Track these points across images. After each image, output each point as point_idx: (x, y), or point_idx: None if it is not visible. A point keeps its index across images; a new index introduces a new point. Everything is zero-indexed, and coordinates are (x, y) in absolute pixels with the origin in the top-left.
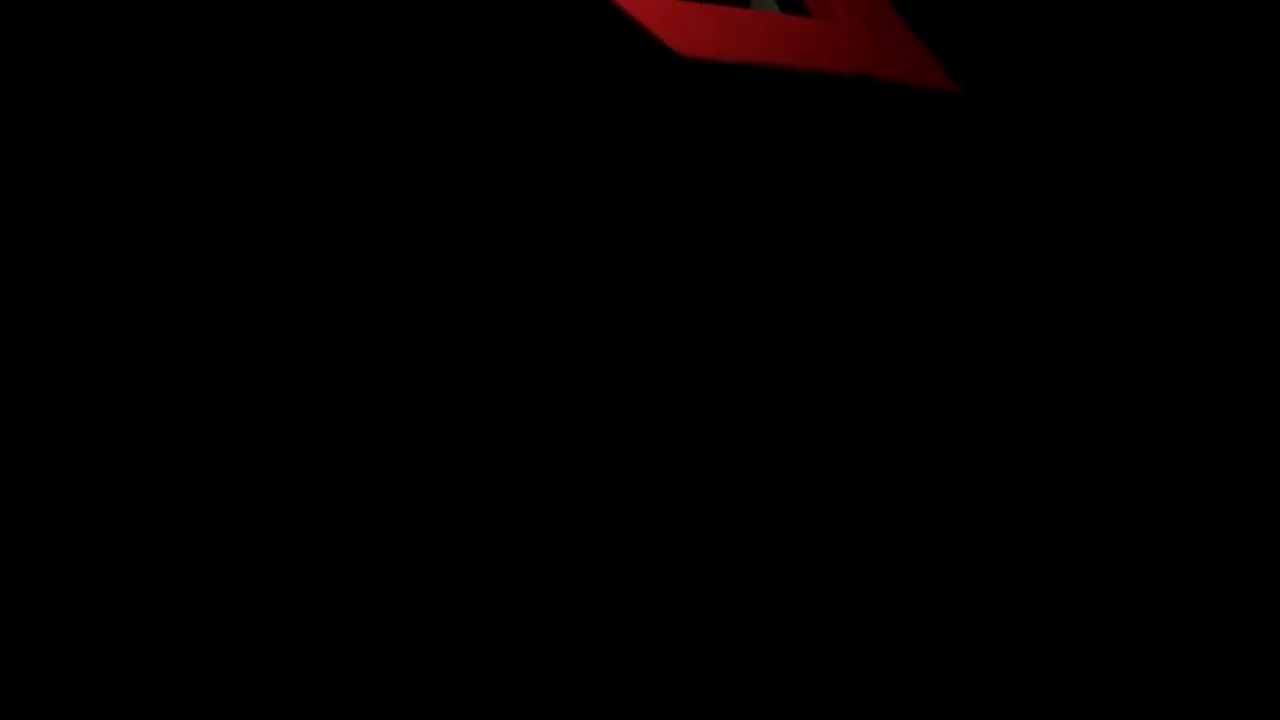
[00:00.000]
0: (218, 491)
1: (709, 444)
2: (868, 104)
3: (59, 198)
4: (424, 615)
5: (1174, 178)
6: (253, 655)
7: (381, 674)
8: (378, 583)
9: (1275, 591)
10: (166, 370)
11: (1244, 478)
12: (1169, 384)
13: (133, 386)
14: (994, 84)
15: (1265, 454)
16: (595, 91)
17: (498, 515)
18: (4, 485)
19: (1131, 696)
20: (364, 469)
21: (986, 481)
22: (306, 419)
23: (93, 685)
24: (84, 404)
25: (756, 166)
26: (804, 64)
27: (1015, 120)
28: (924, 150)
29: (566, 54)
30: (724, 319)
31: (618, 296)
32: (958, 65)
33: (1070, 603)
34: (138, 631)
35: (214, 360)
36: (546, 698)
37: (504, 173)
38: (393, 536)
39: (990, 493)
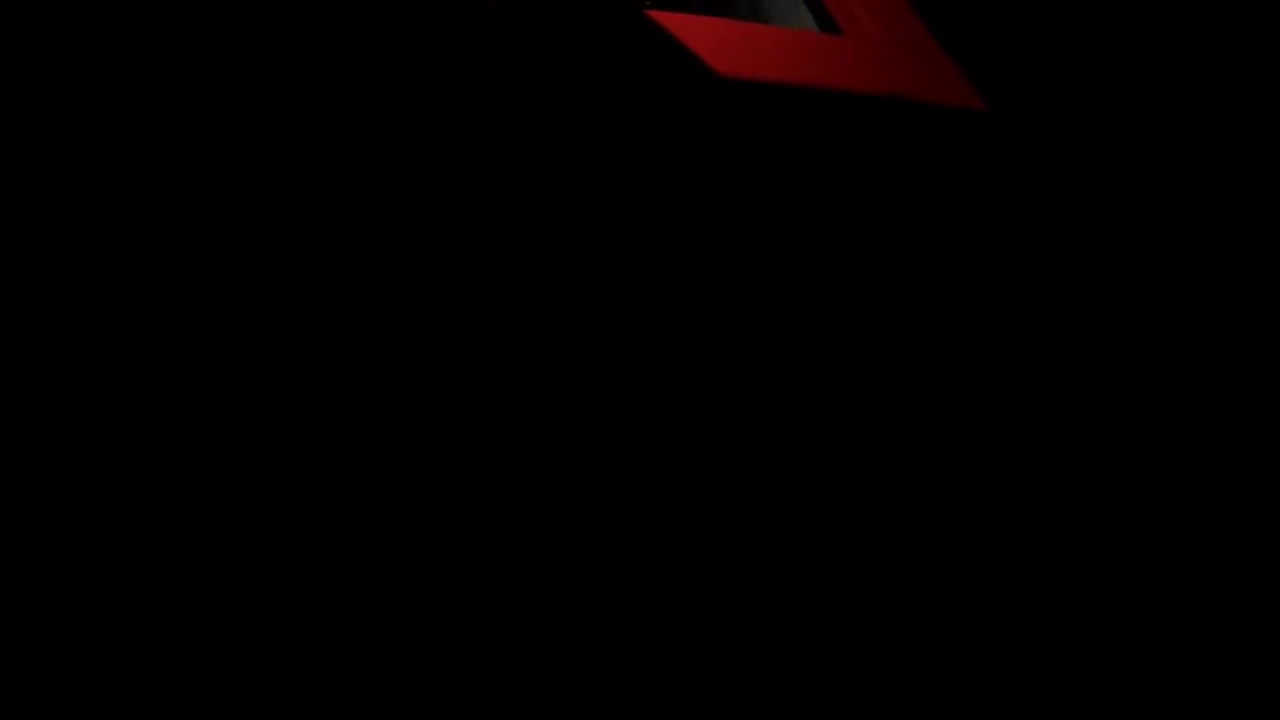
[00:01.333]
0: (216, 490)
1: (716, 447)
2: (897, 122)
3: (59, 197)
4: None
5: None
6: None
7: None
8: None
9: (1275, 591)
10: (165, 369)
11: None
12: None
13: (131, 385)
14: (1023, 104)
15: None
16: (595, 94)
17: (497, 515)
18: (3, 485)
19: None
20: (362, 468)
21: (989, 491)
22: (305, 418)
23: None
24: (83, 403)
25: (780, 181)
26: (834, 83)
27: (1044, 140)
28: (952, 168)
29: (565, 55)
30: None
31: (622, 300)
32: (988, 85)
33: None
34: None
35: (213, 359)
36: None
37: (501, 173)
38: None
39: (993, 503)
